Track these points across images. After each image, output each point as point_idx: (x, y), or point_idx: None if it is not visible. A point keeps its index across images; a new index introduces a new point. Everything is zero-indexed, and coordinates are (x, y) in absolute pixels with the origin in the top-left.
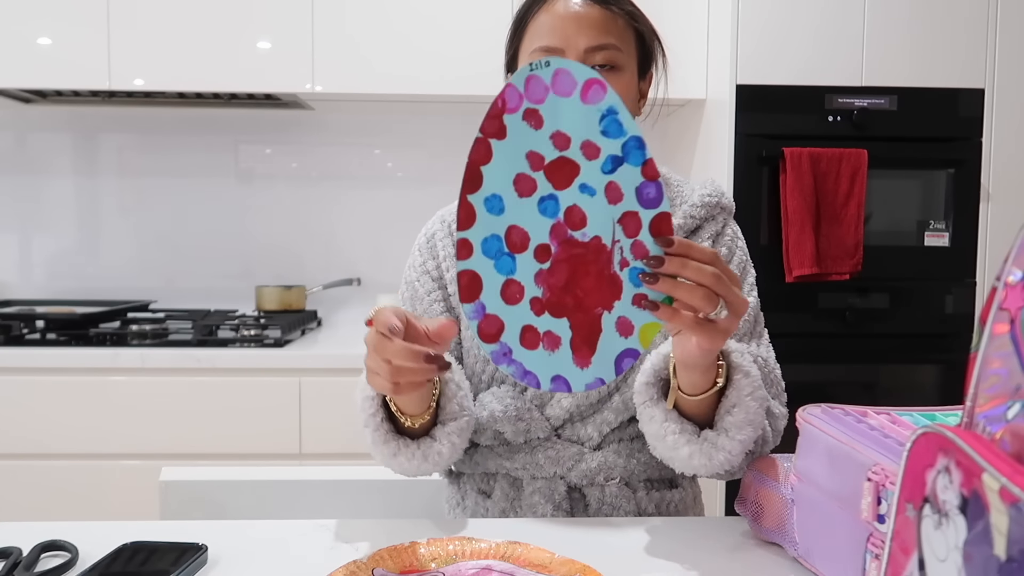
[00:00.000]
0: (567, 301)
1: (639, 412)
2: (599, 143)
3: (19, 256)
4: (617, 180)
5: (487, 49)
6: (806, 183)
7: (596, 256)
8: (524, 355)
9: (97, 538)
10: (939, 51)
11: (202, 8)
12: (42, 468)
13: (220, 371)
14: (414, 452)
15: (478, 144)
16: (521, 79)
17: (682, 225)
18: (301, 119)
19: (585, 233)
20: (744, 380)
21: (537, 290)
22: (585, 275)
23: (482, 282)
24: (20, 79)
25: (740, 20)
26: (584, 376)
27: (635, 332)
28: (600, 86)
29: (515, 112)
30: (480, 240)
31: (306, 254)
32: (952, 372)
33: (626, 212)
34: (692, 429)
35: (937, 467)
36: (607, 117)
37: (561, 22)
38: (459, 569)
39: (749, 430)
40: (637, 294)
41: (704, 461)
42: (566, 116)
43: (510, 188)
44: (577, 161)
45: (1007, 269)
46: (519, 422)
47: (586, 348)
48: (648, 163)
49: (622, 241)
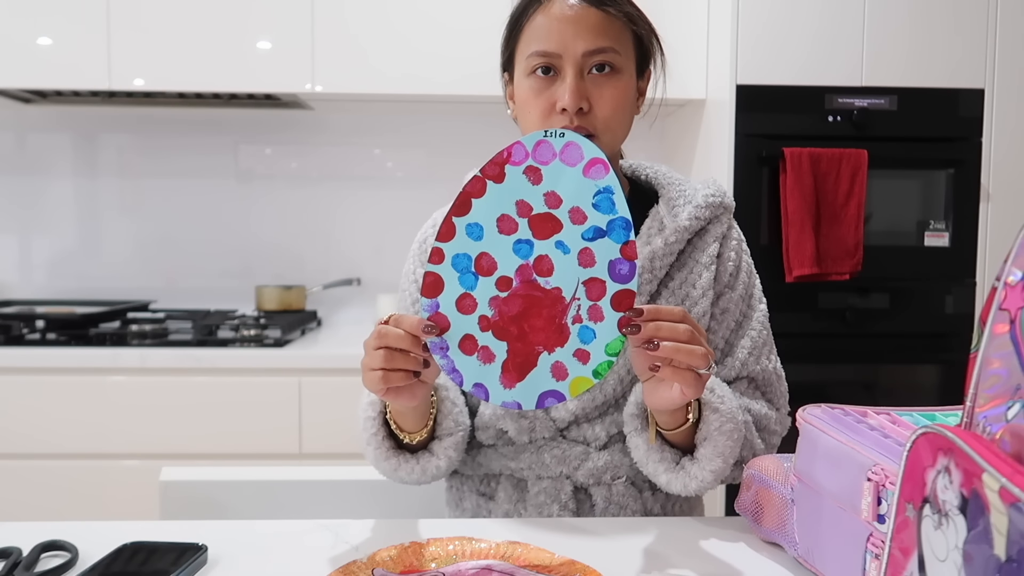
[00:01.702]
0: (512, 329)
1: (627, 439)
2: (588, 213)
3: (19, 256)
4: (594, 248)
5: (487, 49)
6: (806, 183)
7: (552, 303)
8: (458, 356)
9: (97, 538)
10: (939, 51)
11: (202, 8)
12: (42, 468)
13: (220, 371)
14: (413, 467)
15: (475, 181)
16: (532, 141)
17: (688, 227)
18: (301, 119)
19: (548, 281)
20: (712, 416)
21: (489, 310)
22: (537, 315)
23: (443, 286)
24: (20, 79)
25: (740, 20)
26: (504, 395)
27: (567, 380)
28: (604, 166)
29: (518, 166)
30: (452, 253)
31: (306, 254)
32: (952, 372)
33: (594, 277)
34: (672, 457)
35: (937, 467)
36: (602, 194)
37: (558, 25)
38: (459, 569)
39: (719, 461)
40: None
41: (680, 487)
42: (564, 181)
43: (493, 223)
44: (562, 220)
45: (1007, 269)
46: (523, 419)
47: (515, 374)
48: (629, 244)
49: (582, 300)
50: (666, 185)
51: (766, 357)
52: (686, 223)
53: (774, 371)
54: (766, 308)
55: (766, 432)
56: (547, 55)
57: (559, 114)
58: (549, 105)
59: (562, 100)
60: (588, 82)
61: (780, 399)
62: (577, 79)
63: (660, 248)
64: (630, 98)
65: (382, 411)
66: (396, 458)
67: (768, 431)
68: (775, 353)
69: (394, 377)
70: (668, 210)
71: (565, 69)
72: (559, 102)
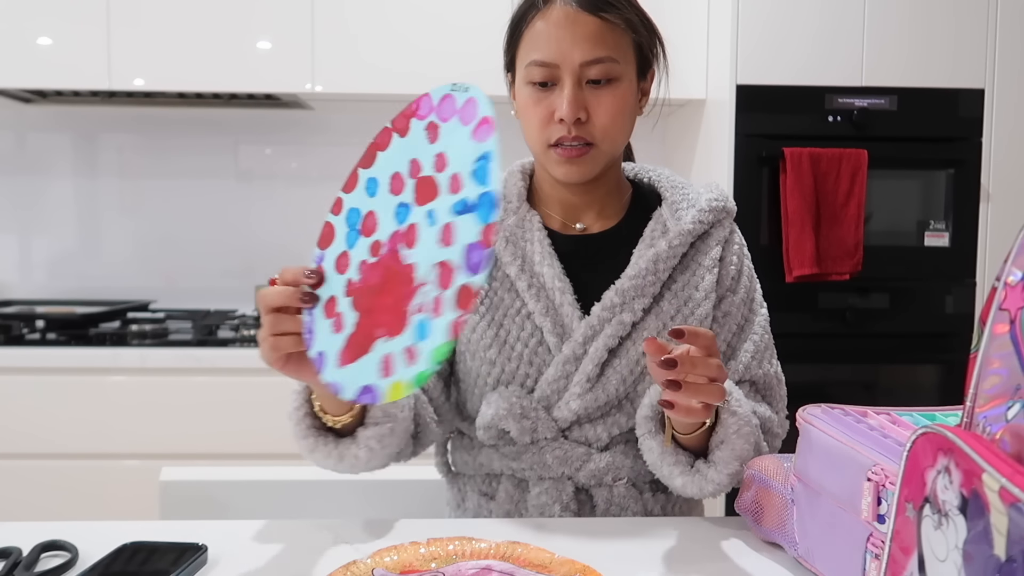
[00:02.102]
0: (365, 301)
1: (640, 441)
2: (464, 181)
3: (19, 256)
4: (457, 225)
5: (487, 48)
6: (806, 183)
7: (401, 283)
8: (319, 317)
9: (97, 538)
10: (939, 51)
11: (202, 8)
12: (42, 468)
13: (220, 371)
14: (331, 451)
15: (384, 132)
16: (440, 93)
17: (692, 230)
18: (301, 119)
19: (408, 256)
20: (731, 419)
21: (357, 275)
22: (388, 292)
23: (333, 240)
24: (20, 79)
25: (740, 20)
26: (333, 373)
27: (389, 379)
28: (489, 127)
29: (422, 120)
30: (348, 207)
31: (306, 254)
32: (952, 372)
33: (446, 261)
34: (687, 460)
35: (937, 467)
36: (482, 159)
37: (557, 34)
38: (459, 569)
39: (736, 464)
40: (661, 400)
41: (695, 490)
42: (456, 142)
43: (387, 180)
44: (439, 186)
45: (1007, 269)
46: (524, 420)
47: (349, 353)
48: (490, 227)
49: (430, 286)
50: (669, 189)
51: (768, 361)
52: (689, 226)
53: (775, 375)
54: (767, 312)
55: (770, 435)
56: (545, 65)
57: (557, 123)
58: (548, 114)
59: (560, 111)
60: (586, 91)
61: (780, 403)
62: (575, 89)
63: (664, 251)
64: (630, 104)
65: (308, 386)
66: (314, 438)
67: (771, 434)
68: (776, 357)
69: (284, 343)
70: (671, 213)
71: (563, 79)
72: (557, 112)
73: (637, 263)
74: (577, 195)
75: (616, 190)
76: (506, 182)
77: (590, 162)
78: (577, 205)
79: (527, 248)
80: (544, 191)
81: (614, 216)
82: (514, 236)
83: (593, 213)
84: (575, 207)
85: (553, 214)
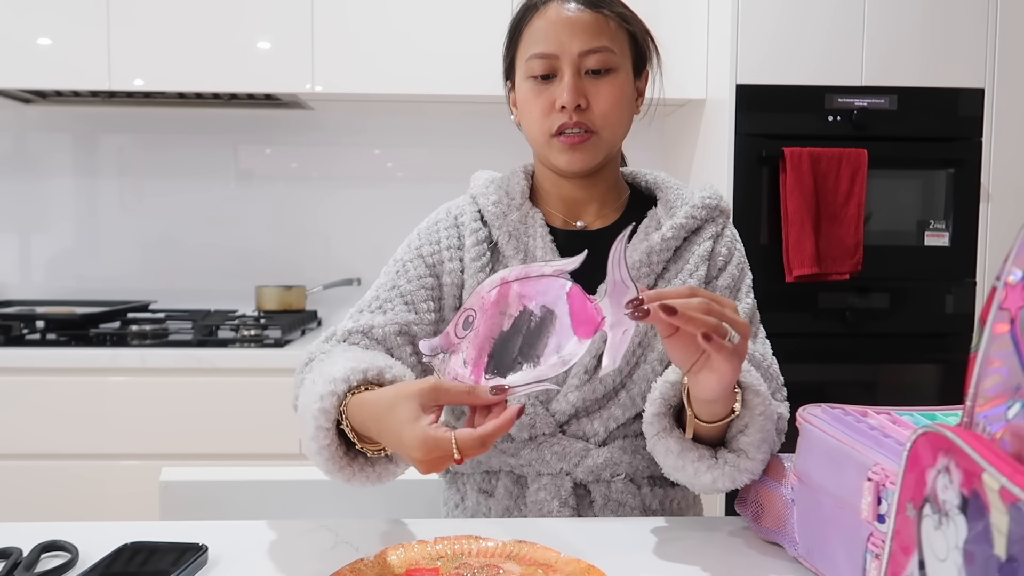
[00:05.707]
0: None
1: (651, 444)
2: None
3: (19, 256)
4: None
5: (487, 49)
6: (806, 183)
7: None
8: None
9: (97, 538)
10: (939, 51)
11: (202, 8)
12: (42, 468)
13: (220, 371)
14: (369, 474)
15: None
16: None
17: (685, 224)
18: (301, 119)
19: None
20: (755, 399)
21: None
22: None
23: None
24: (20, 79)
25: (740, 20)
26: None
27: None
28: None
29: None
30: None
31: (306, 254)
32: (952, 372)
33: None
34: (709, 454)
35: (937, 467)
36: None
37: (555, 27)
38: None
39: (766, 447)
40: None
41: (728, 483)
42: None
43: None
44: None
45: (1007, 269)
46: (523, 416)
47: None
48: None
49: None
50: (664, 189)
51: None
52: (682, 220)
53: (763, 354)
54: (754, 303)
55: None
56: (545, 56)
57: (558, 112)
58: (549, 104)
59: (561, 98)
60: (586, 81)
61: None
62: (575, 78)
63: (657, 243)
64: (628, 96)
65: (337, 420)
66: (351, 467)
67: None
68: (763, 336)
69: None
70: (666, 211)
71: (563, 69)
72: (558, 100)
73: (631, 256)
74: (577, 191)
75: (615, 188)
76: (509, 180)
77: (592, 149)
78: (577, 201)
79: (529, 243)
80: (545, 189)
81: (613, 214)
82: (517, 232)
83: (593, 210)
84: (575, 204)
85: (554, 211)
